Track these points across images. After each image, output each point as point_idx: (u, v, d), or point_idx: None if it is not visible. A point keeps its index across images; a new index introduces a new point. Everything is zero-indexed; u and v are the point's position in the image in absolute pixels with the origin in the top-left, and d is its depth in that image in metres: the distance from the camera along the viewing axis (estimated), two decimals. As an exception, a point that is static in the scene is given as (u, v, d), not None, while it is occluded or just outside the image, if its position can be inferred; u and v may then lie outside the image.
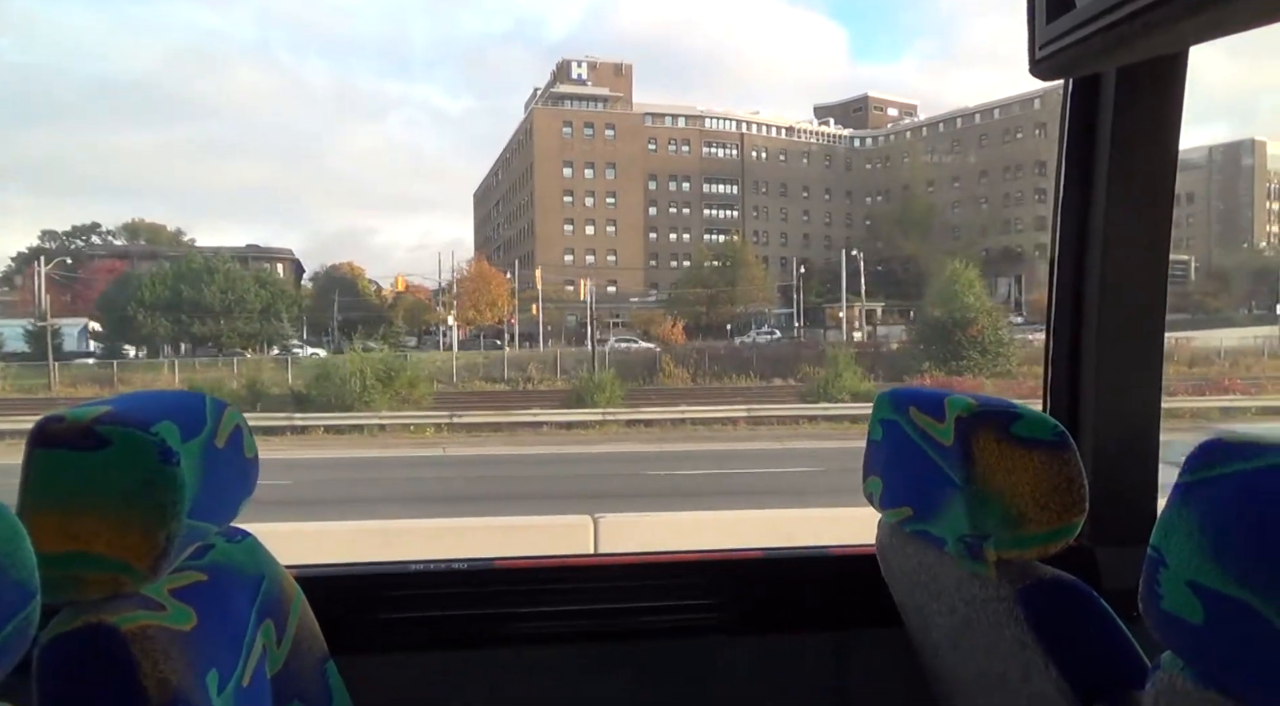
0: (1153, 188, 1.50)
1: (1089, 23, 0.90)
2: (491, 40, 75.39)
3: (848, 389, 20.24)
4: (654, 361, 30.72)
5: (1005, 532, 1.06)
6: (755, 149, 55.79)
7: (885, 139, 58.27)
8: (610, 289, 50.45)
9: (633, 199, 50.91)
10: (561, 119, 49.51)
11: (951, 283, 31.84)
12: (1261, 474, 0.63)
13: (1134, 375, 1.56)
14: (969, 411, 1.07)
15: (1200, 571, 0.65)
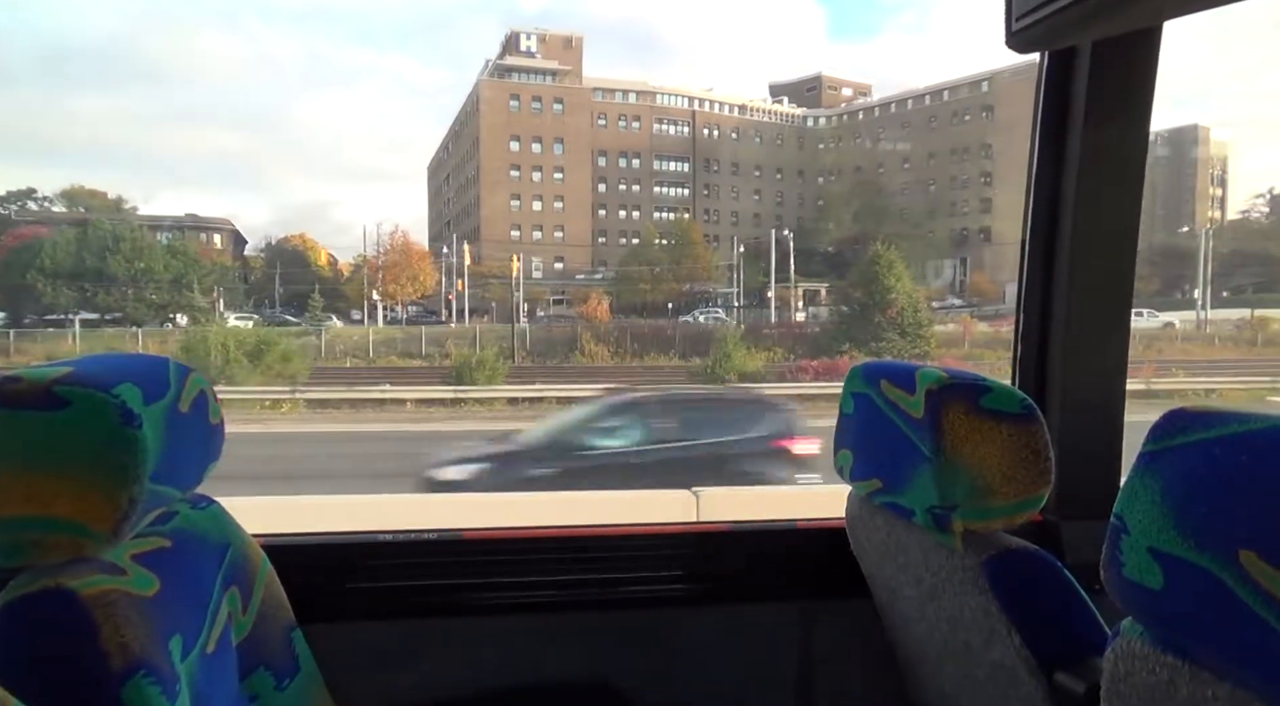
0: (1124, 164, 1.51)
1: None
2: (465, 10, 74.30)
3: (735, 369, 20.39)
4: (574, 339, 30.73)
5: (972, 504, 1.07)
6: (707, 126, 55.57)
7: (838, 119, 58.25)
8: (558, 265, 50.35)
9: (581, 175, 50.64)
10: (509, 92, 48.99)
11: (873, 264, 32.07)
12: (1220, 442, 0.64)
13: (1101, 352, 1.57)
14: (940, 384, 1.08)
15: (1161, 538, 0.66)
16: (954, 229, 52.65)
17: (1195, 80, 58.14)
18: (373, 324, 35.28)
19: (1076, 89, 1.48)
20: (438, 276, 37.54)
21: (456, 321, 35.74)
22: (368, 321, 31.91)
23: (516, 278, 36.24)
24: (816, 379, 19.52)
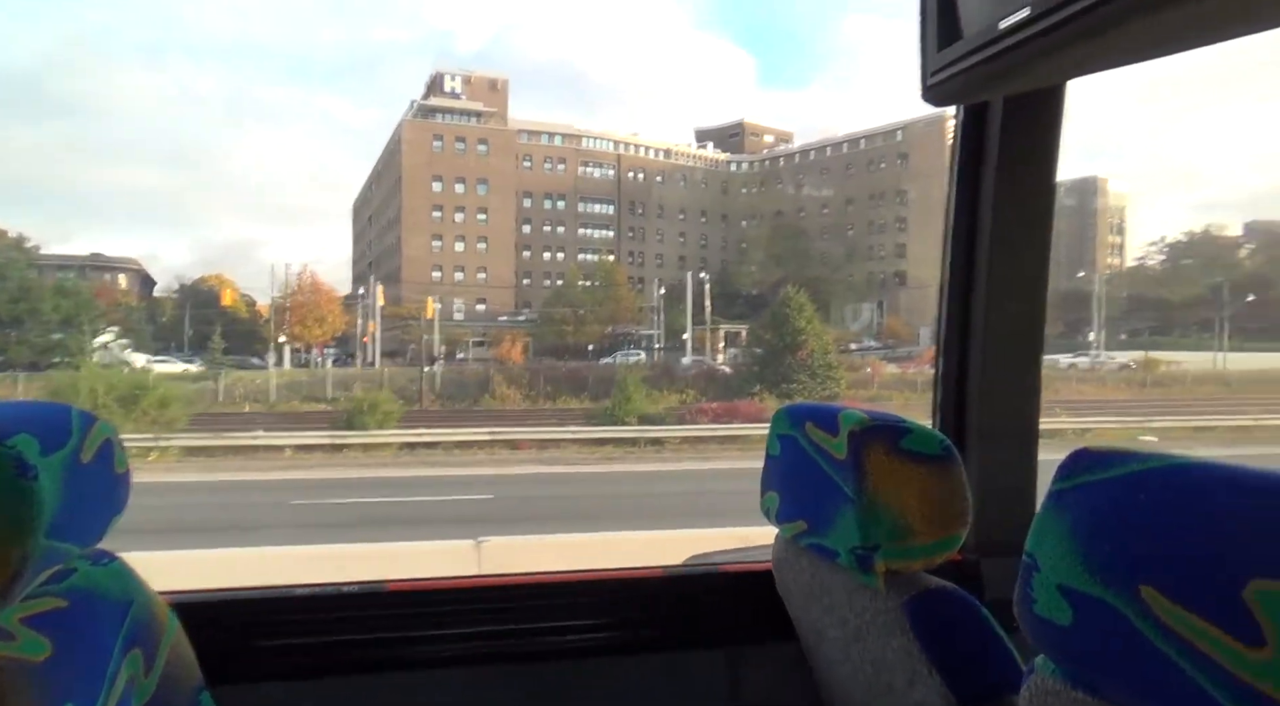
0: (1034, 213, 1.55)
1: (975, 52, 0.92)
2: (401, 51, 74.13)
3: (635, 412, 20.36)
4: (487, 382, 30.40)
5: (893, 544, 1.08)
6: (632, 170, 56.32)
7: (760, 164, 59.67)
8: (480, 307, 50.06)
9: (505, 216, 50.65)
10: (432, 132, 48.93)
11: (783, 306, 32.65)
12: (1121, 481, 0.66)
13: (1016, 393, 1.60)
14: (862, 426, 1.09)
15: (1069, 574, 0.67)
16: (871, 272, 54.08)
17: (1098, 136, 61.47)
18: (298, 366, 34.46)
19: (989, 141, 1.55)
20: (348, 318, 36.85)
21: (371, 364, 35.10)
22: (274, 365, 31.04)
23: (431, 319, 35.79)
24: (715, 421, 19.65)
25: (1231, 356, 37.71)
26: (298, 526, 9.97)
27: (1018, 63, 0.91)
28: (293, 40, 71.40)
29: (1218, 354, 37.92)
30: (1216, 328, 40.72)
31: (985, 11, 0.91)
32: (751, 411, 20.32)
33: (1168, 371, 34.29)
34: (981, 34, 0.92)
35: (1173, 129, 71.95)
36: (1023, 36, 0.85)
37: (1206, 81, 63.91)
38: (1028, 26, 0.84)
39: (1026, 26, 0.84)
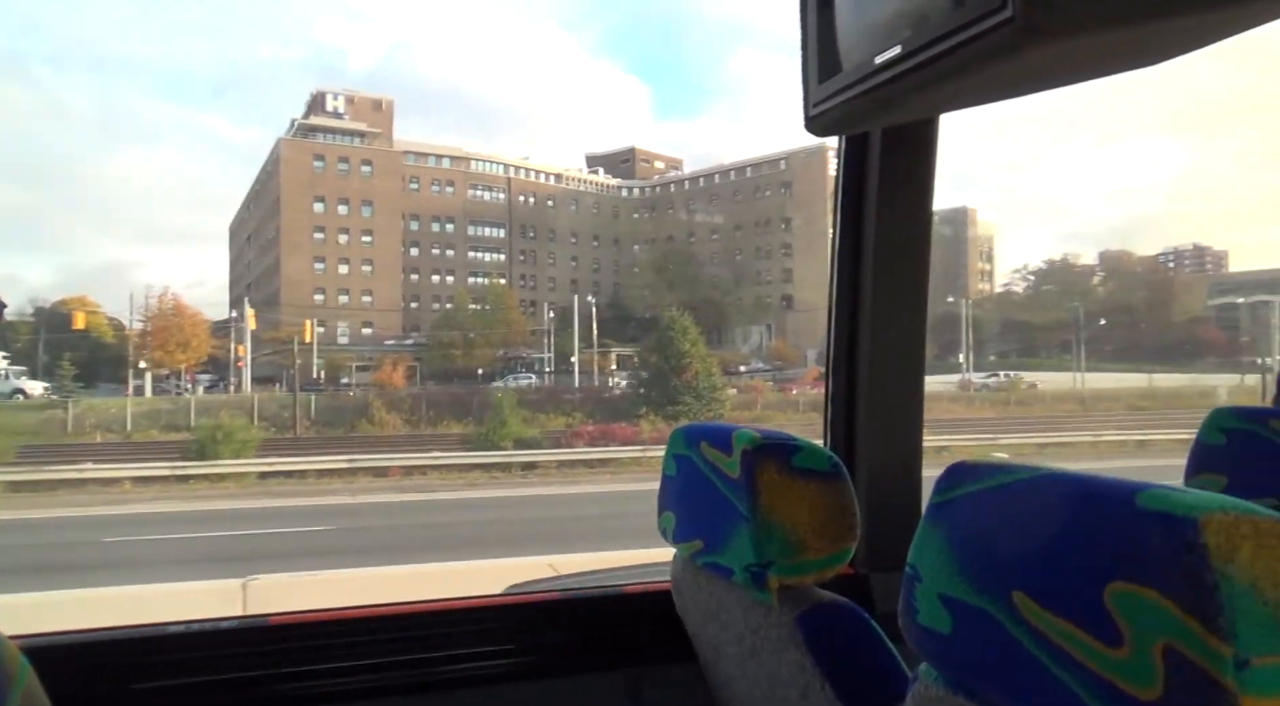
0: (912, 239, 1.62)
1: (853, 86, 0.97)
2: (287, 68, 71.44)
3: (511, 436, 20.09)
4: (366, 407, 29.48)
5: (786, 560, 1.10)
6: (524, 193, 56.08)
7: (651, 190, 60.43)
8: (366, 331, 48.63)
9: (391, 238, 49.50)
10: (313, 152, 47.46)
11: (668, 329, 33.00)
12: (993, 492, 0.69)
13: (900, 412, 1.66)
14: (754, 445, 1.12)
15: (948, 584, 0.70)
16: (760, 296, 55.34)
17: (968, 170, 65.04)
18: (174, 392, 32.49)
19: (870, 170, 1.62)
20: (220, 342, 35.13)
21: (242, 390, 33.47)
22: (132, 392, 29.24)
23: (310, 343, 34.49)
24: (592, 445, 19.57)
25: (1088, 376, 40.29)
26: (91, 568, 9.26)
27: (892, 96, 0.95)
28: (171, 54, 68.05)
29: (1076, 374, 40.44)
30: (1074, 349, 43.42)
31: (862, 47, 0.96)
32: (627, 434, 20.37)
33: (1029, 391, 36.30)
34: (859, 68, 0.96)
35: (1036, 164, 76.94)
36: (896, 72, 0.89)
37: (1063, 121, 68.68)
38: (900, 63, 0.88)
39: (899, 63, 0.88)
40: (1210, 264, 61.99)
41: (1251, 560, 0.53)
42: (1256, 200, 66.85)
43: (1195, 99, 63.69)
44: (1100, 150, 73.66)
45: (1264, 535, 0.54)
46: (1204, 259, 62.66)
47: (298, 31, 72.70)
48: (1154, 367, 40.75)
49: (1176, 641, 0.55)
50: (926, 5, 0.85)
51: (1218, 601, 0.53)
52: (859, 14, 1.00)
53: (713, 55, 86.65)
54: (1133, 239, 71.97)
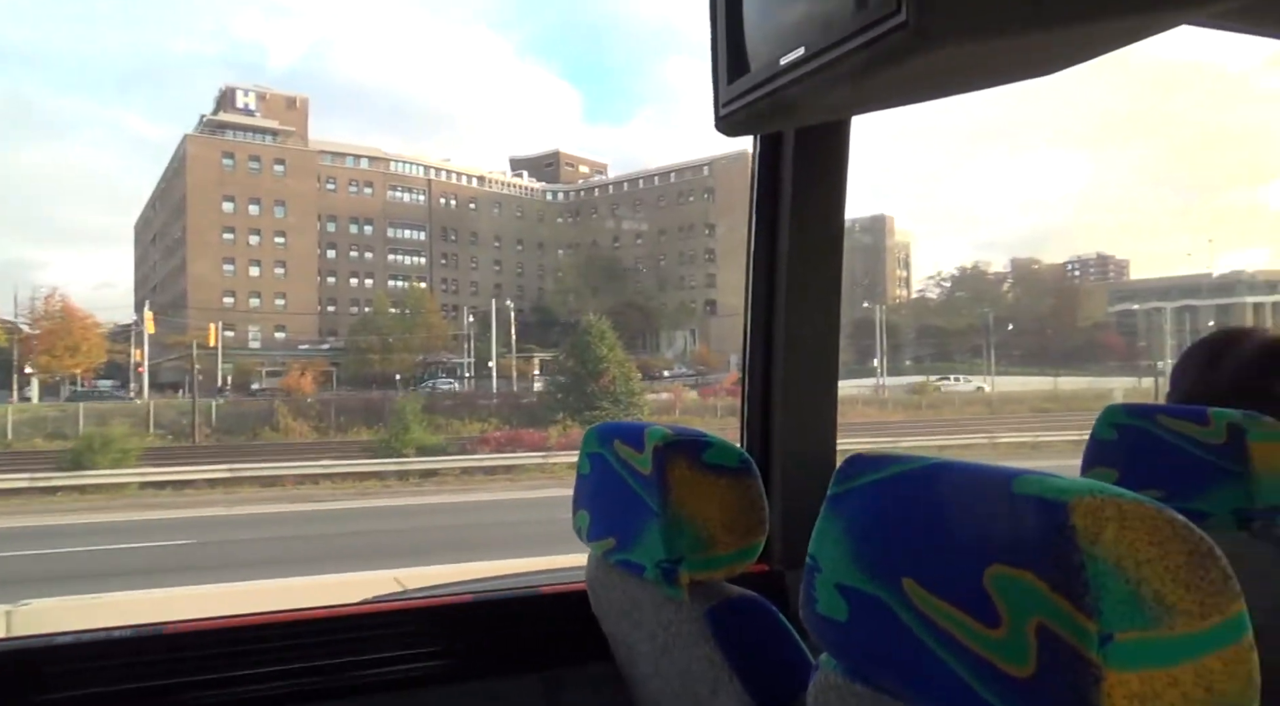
0: (826, 239, 1.65)
1: (760, 86, 0.98)
2: (203, 63, 68.57)
3: (414, 443, 19.62)
4: (271, 414, 28.51)
5: (697, 555, 1.11)
6: (445, 196, 55.23)
7: (576, 194, 60.21)
8: (279, 335, 47.20)
9: (306, 240, 48.12)
10: (222, 150, 45.85)
11: (585, 334, 32.81)
12: (888, 481, 0.72)
13: (814, 411, 1.69)
14: (665, 441, 1.13)
15: (845, 573, 0.72)
16: (684, 301, 55.63)
17: (888, 179, 66.76)
18: (51, 399, 30.81)
19: (783, 171, 1.63)
20: (119, 347, 33.55)
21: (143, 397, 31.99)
22: (18, 398, 27.67)
23: (215, 347, 33.25)
24: (498, 451, 19.23)
25: (998, 379, 41.60)
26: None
27: (798, 98, 0.96)
28: (77, 45, 64.88)
29: (986, 377, 41.72)
30: (985, 354, 44.81)
31: (768, 48, 0.97)
32: (534, 440, 20.07)
33: (940, 394, 37.24)
34: (765, 69, 0.97)
35: (953, 175, 79.44)
36: (800, 73, 0.91)
37: (979, 134, 71.04)
38: (803, 64, 0.90)
39: (802, 64, 0.90)
40: (1113, 272, 64.80)
41: (1115, 540, 0.56)
42: (1155, 212, 70.38)
43: (1101, 116, 66.73)
44: (1013, 161, 76.47)
45: (1127, 516, 0.57)
46: (1107, 267, 65.47)
47: (215, 26, 70.41)
48: (1059, 371, 42.36)
49: (1048, 620, 0.57)
50: (831, 7, 0.87)
51: (1084, 580, 0.56)
52: (766, 15, 1.02)
53: (643, 60, 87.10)
54: (1042, 247, 75.02)
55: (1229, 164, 69.58)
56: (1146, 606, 0.55)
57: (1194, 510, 1.17)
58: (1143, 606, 0.55)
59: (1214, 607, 0.56)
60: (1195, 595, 0.56)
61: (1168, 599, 0.56)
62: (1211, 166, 70.23)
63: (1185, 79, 63.88)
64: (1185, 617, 0.56)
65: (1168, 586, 0.56)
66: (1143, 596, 0.55)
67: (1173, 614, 0.56)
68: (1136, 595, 0.55)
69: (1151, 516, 0.57)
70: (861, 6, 0.81)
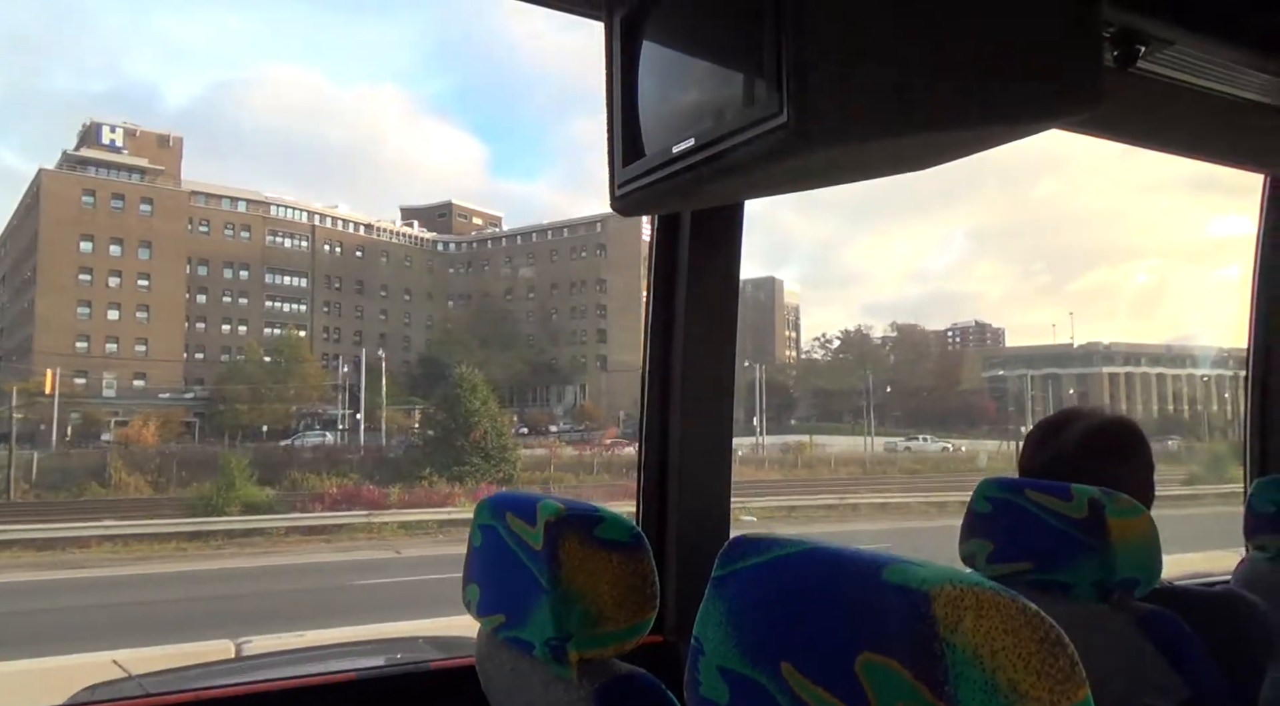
0: (719, 313, 1.72)
1: (655, 170, 1.03)
2: (89, 101, 64.79)
3: (241, 500, 18.20)
4: (102, 468, 26.33)
5: (586, 632, 1.09)
6: (328, 242, 53.55)
7: (468, 245, 59.42)
8: (138, 382, 44.28)
9: (172, 283, 45.59)
10: (82, 187, 43.27)
11: (456, 386, 31.79)
12: (768, 565, 0.73)
13: (709, 480, 1.73)
14: (557, 515, 1.12)
15: (727, 656, 0.73)
16: (575, 356, 55.17)
17: (782, 246, 68.70)
18: None
19: (680, 249, 1.68)
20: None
21: None
22: None
23: (51, 395, 30.77)
24: (332, 508, 18.01)
25: (876, 440, 42.43)
26: None
27: (691, 183, 0.99)
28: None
29: (865, 438, 42.50)
30: (865, 415, 45.70)
31: (661, 136, 1.02)
32: (374, 498, 18.91)
33: (815, 454, 37.60)
34: (659, 155, 1.02)
35: (845, 243, 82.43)
36: (691, 161, 0.95)
37: (867, 207, 74.13)
38: (694, 153, 0.95)
39: (693, 154, 0.95)
40: (989, 339, 67.74)
41: (973, 629, 0.58)
42: (1024, 289, 74.58)
43: (977, 197, 70.67)
44: (902, 231, 79.99)
45: (984, 605, 0.59)
46: (984, 335, 68.47)
47: (107, 65, 67.41)
48: (935, 434, 43.55)
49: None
50: (722, 99, 0.92)
51: (943, 668, 0.58)
52: (660, 102, 1.05)
53: (552, 122, 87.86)
54: (924, 313, 78.25)
55: (1089, 245, 74.93)
56: (1001, 694, 0.57)
57: (1059, 582, 1.28)
58: (998, 694, 0.57)
59: (1062, 694, 0.58)
60: (1046, 682, 0.58)
61: (1020, 686, 0.57)
62: (1073, 247, 75.53)
63: (1050, 165, 68.59)
64: (1036, 704, 0.58)
65: (1020, 674, 0.58)
66: (998, 684, 0.57)
67: (1025, 701, 0.57)
68: (993, 683, 0.57)
69: (1006, 605, 0.59)
70: (749, 103, 0.86)
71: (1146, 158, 1.68)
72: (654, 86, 1.07)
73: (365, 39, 73.37)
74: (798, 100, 0.79)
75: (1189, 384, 46.22)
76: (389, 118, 76.37)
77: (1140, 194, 72.79)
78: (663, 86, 1.06)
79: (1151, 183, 64.70)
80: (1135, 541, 1.24)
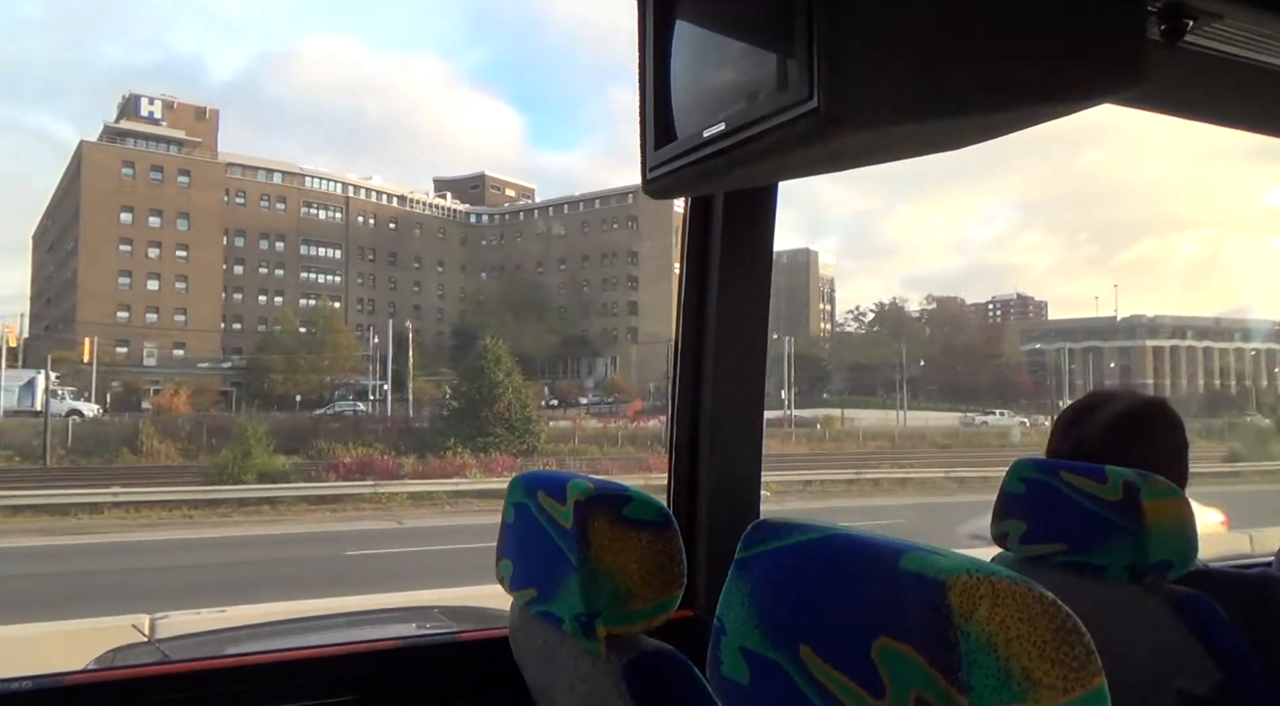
0: (753, 297, 1.73)
1: (686, 154, 1.03)
2: (135, 74, 65.84)
3: (257, 468, 18.44)
4: (135, 436, 26.96)
5: (614, 609, 1.12)
6: (362, 214, 53.98)
7: (501, 218, 59.43)
8: (178, 352, 45.30)
9: (210, 254, 46.42)
10: (122, 158, 44.07)
11: (481, 357, 31.84)
12: (790, 549, 0.75)
13: (741, 457, 1.75)
14: (586, 494, 1.15)
15: (748, 637, 0.75)
16: (606, 328, 55.06)
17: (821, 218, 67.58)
18: None
19: (713, 229, 1.69)
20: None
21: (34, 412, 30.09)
22: None
23: (90, 362, 31.54)
24: (346, 478, 18.18)
25: (911, 414, 41.77)
26: None
27: (720, 168, 1.00)
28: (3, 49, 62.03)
29: (899, 412, 41.87)
30: (898, 389, 45.00)
31: (693, 119, 1.03)
32: (387, 468, 19.03)
33: (843, 427, 37.09)
34: (690, 139, 1.02)
35: (885, 214, 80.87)
36: (721, 146, 0.96)
37: (909, 178, 72.43)
38: (724, 138, 0.95)
39: (724, 138, 0.95)
40: (1032, 312, 66.17)
41: (988, 617, 0.60)
42: (1071, 260, 72.49)
43: (1022, 167, 68.64)
44: (943, 204, 78.11)
45: (1000, 594, 0.60)
46: (1027, 308, 66.90)
47: (151, 37, 68.37)
48: (970, 408, 42.76)
49: (925, 692, 0.61)
50: (755, 82, 0.92)
51: (957, 655, 0.59)
52: (692, 84, 1.05)
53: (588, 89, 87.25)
54: (964, 287, 76.62)
55: (1136, 217, 72.54)
56: (1014, 681, 0.59)
57: (1093, 564, 1.30)
58: (1011, 681, 0.59)
59: (1077, 682, 0.59)
60: (1060, 670, 0.59)
61: (1034, 674, 0.59)
62: (1121, 217, 73.13)
63: (1098, 134, 66.37)
64: (1050, 692, 0.59)
65: (1035, 662, 0.59)
66: (1011, 671, 0.59)
67: (1039, 688, 0.59)
68: (1006, 670, 0.59)
69: (1022, 594, 0.61)
70: (782, 86, 0.86)
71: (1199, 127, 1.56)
72: (686, 68, 1.07)
73: (404, 9, 73.43)
74: (829, 85, 0.80)
75: (1237, 358, 44.65)
76: (427, 88, 76.55)
77: (1193, 163, 70.12)
78: (695, 68, 1.06)
79: (1206, 152, 62.38)
80: (1170, 524, 1.25)
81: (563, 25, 78.41)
